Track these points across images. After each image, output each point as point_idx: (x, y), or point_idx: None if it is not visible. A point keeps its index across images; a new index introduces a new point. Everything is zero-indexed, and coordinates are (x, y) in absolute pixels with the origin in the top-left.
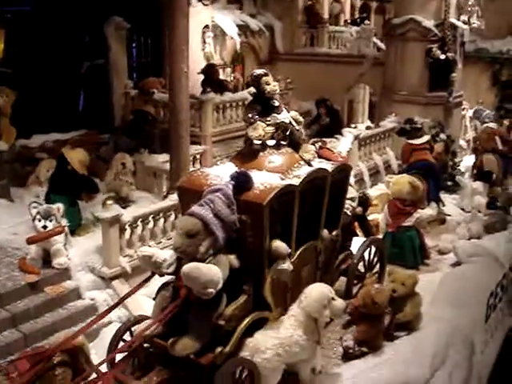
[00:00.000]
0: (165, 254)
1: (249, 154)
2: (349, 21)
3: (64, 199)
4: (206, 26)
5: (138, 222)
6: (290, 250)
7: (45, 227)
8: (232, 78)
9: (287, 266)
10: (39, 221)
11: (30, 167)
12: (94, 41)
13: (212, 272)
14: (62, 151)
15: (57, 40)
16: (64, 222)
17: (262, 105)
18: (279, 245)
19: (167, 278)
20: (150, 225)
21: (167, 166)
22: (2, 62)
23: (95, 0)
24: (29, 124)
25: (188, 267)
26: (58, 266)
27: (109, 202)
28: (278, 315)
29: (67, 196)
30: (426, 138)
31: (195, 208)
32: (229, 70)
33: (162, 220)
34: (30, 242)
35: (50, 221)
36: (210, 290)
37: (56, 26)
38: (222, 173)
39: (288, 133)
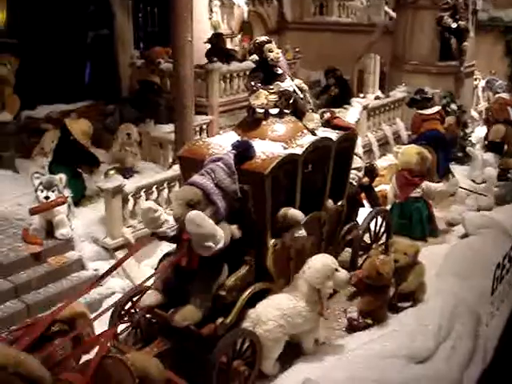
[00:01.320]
0: (168, 217)
1: (251, 122)
2: None
3: (67, 170)
4: None
5: (142, 193)
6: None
7: (47, 198)
8: (240, 48)
9: (302, 232)
10: (42, 191)
11: (35, 138)
12: (99, 10)
13: (215, 227)
14: (64, 121)
15: (61, 10)
16: (67, 192)
17: (265, 72)
18: (295, 212)
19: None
20: (154, 195)
21: (172, 137)
22: (6, 32)
23: None
24: (34, 95)
25: (194, 213)
26: (60, 237)
27: (111, 172)
28: (281, 286)
29: (70, 167)
30: (436, 108)
31: (196, 177)
32: (237, 39)
33: (165, 190)
34: (32, 212)
35: (53, 191)
36: (210, 244)
37: None
38: (223, 142)
39: (291, 101)
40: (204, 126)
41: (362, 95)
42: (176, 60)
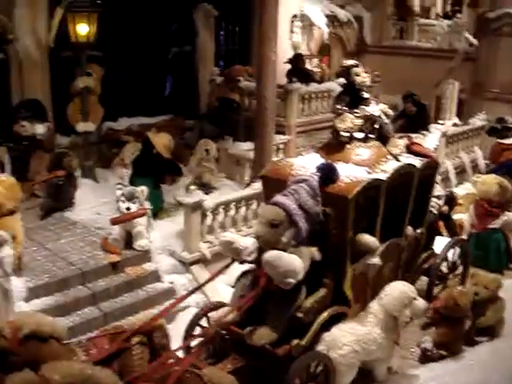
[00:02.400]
0: (246, 242)
1: (335, 145)
2: (440, 14)
3: (148, 182)
4: (295, 16)
5: (220, 209)
6: (379, 245)
7: (128, 209)
8: (319, 69)
9: (376, 260)
10: (123, 202)
11: (116, 149)
12: (182, 27)
13: (293, 262)
14: (147, 135)
15: (146, 25)
16: (147, 204)
17: (351, 96)
18: (369, 239)
19: (247, 266)
20: (232, 212)
21: (250, 155)
22: (93, 45)
23: None
24: (116, 107)
25: (270, 255)
26: (139, 248)
27: (192, 187)
28: (356, 311)
29: (151, 179)
30: None
31: (279, 197)
32: (315, 60)
33: (243, 208)
34: (113, 222)
35: (134, 203)
36: (290, 280)
37: (145, 12)
38: (307, 163)
39: (376, 126)
40: (281, 146)
41: (441, 122)
42: (259, 79)
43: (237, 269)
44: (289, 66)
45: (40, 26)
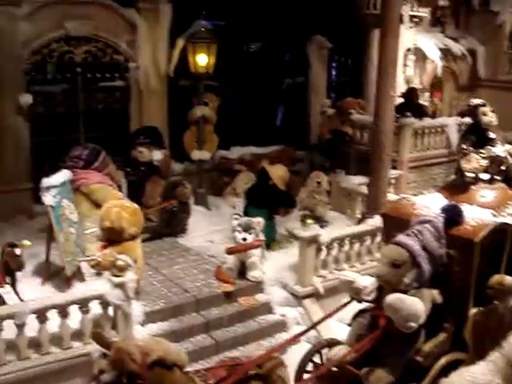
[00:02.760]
0: (365, 281)
1: (460, 186)
2: None
3: (262, 213)
4: (408, 49)
5: (335, 244)
6: None
7: (244, 239)
8: (431, 103)
9: None
10: (239, 233)
11: (228, 178)
12: (295, 59)
13: (416, 306)
14: (263, 166)
15: (261, 56)
16: (262, 235)
17: (477, 136)
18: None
19: (363, 304)
20: (346, 247)
21: (363, 189)
22: (211, 76)
23: (298, 19)
24: (229, 136)
25: (392, 298)
26: (252, 279)
27: (309, 220)
28: (476, 358)
29: (265, 210)
30: None
31: (402, 237)
32: (427, 94)
33: (357, 244)
34: (229, 252)
35: (250, 234)
36: (412, 324)
37: (260, 43)
38: (429, 203)
39: (503, 168)
40: (393, 181)
41: None
42: (377, 114)
43: (351, 305)
44: (401, 100)
45: (160, 55)
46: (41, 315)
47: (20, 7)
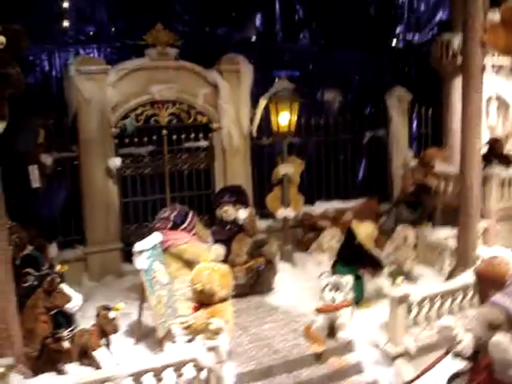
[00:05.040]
0: (465, 335)
1: None
2: None
3: (351, 271)
4: (490, 97)
5: (426, 301)
6: None
7: (333, 299)
8: None
9: None
10: (328, 292)
11: (312, 234)
12: (376, 112)
13: None
14: (350, 225)
15: (341, 110)
16: (351, 294)
17: None
18: None
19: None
20: (437, 305)
21: (450, 243)
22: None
23: (377, 72)
24: (312, 191)
25: (497, 340)
26: (342, 339)
27: (399, 279)
28: None
29: (353, 268)
30: None
31: (498, 297)
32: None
33: (449, 301)
34: (319, 312)
35: (339, 293)
36: None
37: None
38: None
39: None
40: (480, 232)
41: None
42: (463, 167)
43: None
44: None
45: (243, 115)
46: (137, 379)
47: (107, 75)
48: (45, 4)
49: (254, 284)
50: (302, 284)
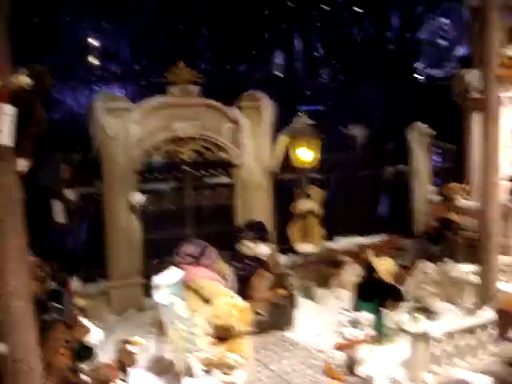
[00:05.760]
0: (482, 380)
1: None
2: None
3: (370, 306)
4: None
5: (446, 338)
6: None
7: (353, 335)
8: None
9: None
10: (348, 328)
11: (333, 269)
12: (397, 147)
13: None
14: (369, 259)
15: (362, 146)
16: (371, 330)
17: None
18: None
19: None
20: (458, 341)
21: (472, 278)
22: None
23: (398, 107)
24: (333, 226)
25: None
26: (362, 375)
27: (419, 315)
28: None
29: (373, 303)
30: None
31: None
32: None
33: (470, 337)
34: (338, 348)
35: (359, 329)
36: None
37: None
38: None
39: None
40: (504, 268)
41: None
42: (483, 204)
43: None
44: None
45: (264, 152)
46: None
47: (131, 112)
48: (70, 42)
49: (274, 319)
50: (323, 320)
